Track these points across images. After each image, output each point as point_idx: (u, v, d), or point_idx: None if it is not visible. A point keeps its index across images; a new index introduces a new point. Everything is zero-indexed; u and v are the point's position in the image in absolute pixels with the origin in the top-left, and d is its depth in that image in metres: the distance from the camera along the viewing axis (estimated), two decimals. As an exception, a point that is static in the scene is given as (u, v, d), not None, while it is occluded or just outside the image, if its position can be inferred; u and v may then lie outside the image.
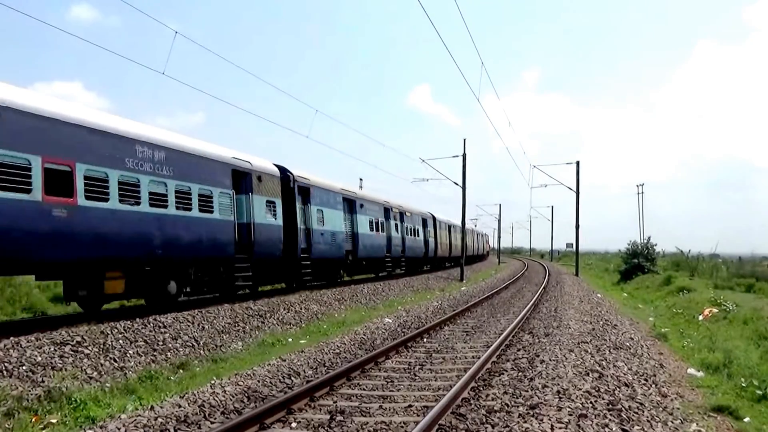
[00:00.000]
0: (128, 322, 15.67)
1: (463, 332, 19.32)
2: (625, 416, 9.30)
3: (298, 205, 27.35)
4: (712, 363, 14.32)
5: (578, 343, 15.75)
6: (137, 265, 18.09)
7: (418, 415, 9.77)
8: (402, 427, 9.25)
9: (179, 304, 19.67)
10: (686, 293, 29.22)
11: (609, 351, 15.09)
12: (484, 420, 9.17)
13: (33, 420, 9.72)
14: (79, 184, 15.26)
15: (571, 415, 9.01)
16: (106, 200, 16.18)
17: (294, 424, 9.49)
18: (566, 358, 13.54)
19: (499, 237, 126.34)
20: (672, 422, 9.62)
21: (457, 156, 49.04)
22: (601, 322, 20.56)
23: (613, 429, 8.60)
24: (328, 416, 9.77)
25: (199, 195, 19.98)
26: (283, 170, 26.65)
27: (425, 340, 17.83)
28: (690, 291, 29.78)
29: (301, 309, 22.79)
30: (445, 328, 20.12)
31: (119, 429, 8.93)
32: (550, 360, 13.39)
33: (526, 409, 9.41)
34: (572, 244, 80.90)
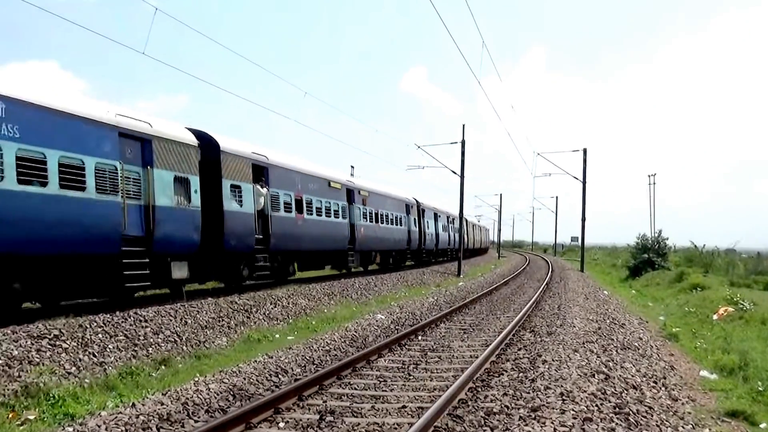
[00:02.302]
0: (108, 316, 15.77)
1: (460, 330, 19.47)
2: (632, 420, 9.33)
3: (421, 219, 51.80)
4: (727, 365, 14.27)
5: (583, 343, 15.79)
6: (385, 251, 43.98)
7: (412, 417, 9.91)
8: (395, 428, 9.40)
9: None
10: (699, 291, 29.02)
11: (616, 351, 15.16)
12: (483, 422, 9.30)
13: (10, 416, 9.88)
14: (369, 217, 39.67)
15: (575, 418, 9.05)
16: (378, 222, 40.19)
17: (282, 424, 9.65)
18: (570, 359, 13.57)
19: (499, 230, 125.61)
20: (683, 427, 9.70)
21: (456, 142, 49.16)
22: (608, 321, 20.62)
23: (620, 433, 8.70)
24: (317, 416, 9.93)
25: (397, 217, 44.94)
26: (416, 199, 51.40)
27: (420, 337, 17.99)
28: (704, 288, 29.58)
29: (288, 304, 22.89)
30: (441, 326, 20.28)
31: (99, 427, 9.06)
32: (553, 360, 13.44)
33: (528, 412, 9.48)
34: (577, 238, 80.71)
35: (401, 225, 46.04)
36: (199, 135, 22.07)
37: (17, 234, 14.64)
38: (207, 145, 22.22)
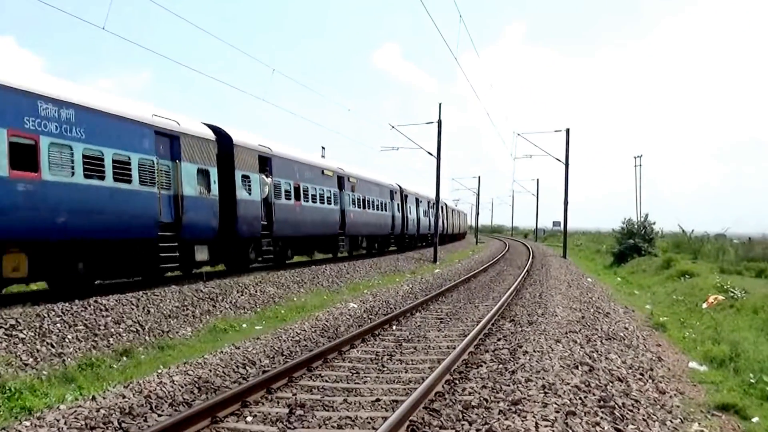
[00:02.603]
0: (66, 305, 15.79)
1: (436, 319, 19.56)
2: (618, 414, 9.38)
3: (404, 205, 55.83)
4: (717, 356, 14.37)
5: (566, 333, 15.84)
6: (371, 236, 47.33)
7: (386, 410, 9.97)
8: (369, 422, 9.44)
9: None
10: (688, 278, 29.20)
11: (601, 342, 15.22)
12: (461, 416, 9.35)
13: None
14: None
15: (558, 412, 9.07)
16: (365, 208, 44.58)
17: (249, 418, 9.70)
18: (552, 350, 13.62)
19: (477, 214, 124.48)
20: (671, 421, 9.78)
21: (432, 122, 49.02)
22: (592, 310, 20.73)
23: (605, 428, 8.67)
24: (287, 410, 9.97)
25: (383, 203, 49.44)
26: (399, 185, 54.99)
27: (394, 327, 18.09)
28: (692, 276, 29.76)
29: (256, 292, 22.98)
30: (416, 315, 20.39)
31: (58, 421, 9.07)
32: (534, 351, 13.48)
33: (508, 405, 9.51)
34: (559, 223, 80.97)
35: (386, 211, 50.41)
36: (215, 130, 25.69)
37: (84, 221, 18.10)
38: (222, 139, 25.84)
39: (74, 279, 18.96)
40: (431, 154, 49.22)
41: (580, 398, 9.94)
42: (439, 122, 48.16)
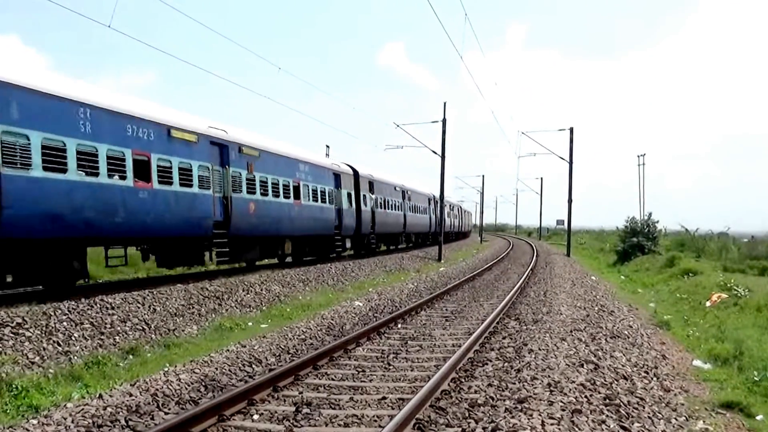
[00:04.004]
0: (73, 303, 15.79)
1: (441, 317, 19.56)
2: (623, 412, 9.38)
3: (436, 209, 64.58)
4: (721, 354, 14.29)
5: (571, 331, 15.83)
6: (418, 233, 63.89)
7: (393, 409, 9.96)
8: (375, 421, 9.42)
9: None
10: (692, 276, 29.12)
11: (605, 340, 15.20)
12: (467, 414, 9.35)
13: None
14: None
15: (563, 410, 9.04)
16: (416, 213, 60.42)
17: (256, 417, 9.69)
18: (557, 348, 13.60)
19: (482, 212, 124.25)
20: (676, 419, 9.75)
21: (436, 121, 49.07)
22: (596, 308, 20.69)
23: (611, 426, 8.66)
24: (293, 408, 9.97)
25: (425, 208, 63.61)
26: (433, 194, 64.43)
27: (400, 325, 18.08)
28: (696, 274, 29.65)
29: (261, 290, 22.96)
30: (421, 313, 20.38)
31: (65, 419, 9.06)
32: (539, 349, 13.45)
33: (514, 403, 9.47)
34: (563, 221, 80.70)
35: (426, 214, 64.31)
36: (350, 166, 41.59)
37: (312, 225, 33.32)
38: (354, 172, 41.48)
39: (303, 256, 34.67)
40: (436, 153, 49.19)
41: (586, 396, 9.92)
42: (444, 121, 48.16)
